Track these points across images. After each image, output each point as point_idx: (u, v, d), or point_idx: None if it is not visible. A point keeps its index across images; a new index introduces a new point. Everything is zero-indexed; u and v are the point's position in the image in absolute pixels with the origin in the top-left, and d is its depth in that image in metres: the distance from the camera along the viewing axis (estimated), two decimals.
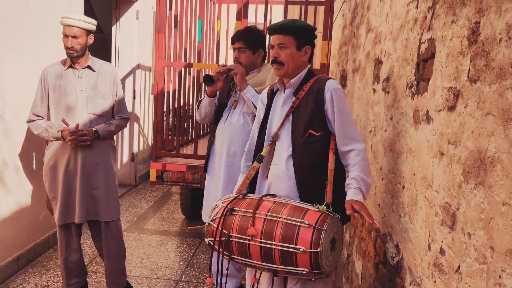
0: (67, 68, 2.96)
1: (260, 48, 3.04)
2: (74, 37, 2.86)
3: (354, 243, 3.17)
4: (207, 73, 2.94)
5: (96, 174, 2.99)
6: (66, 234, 3.04)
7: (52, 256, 3.90)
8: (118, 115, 3.09)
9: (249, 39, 2.98)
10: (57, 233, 3.07)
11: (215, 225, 2.05)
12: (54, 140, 2.94)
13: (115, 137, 3.31)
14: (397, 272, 1.99)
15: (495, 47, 1.18)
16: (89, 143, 2.89)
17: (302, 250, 1.84)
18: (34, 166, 3.77)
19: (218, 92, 3.08)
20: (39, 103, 2.98)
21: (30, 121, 2.99)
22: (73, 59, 2.93)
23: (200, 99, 3.14)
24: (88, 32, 2.94)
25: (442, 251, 1.47)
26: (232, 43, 3.04)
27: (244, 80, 2.91)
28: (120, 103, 3.11)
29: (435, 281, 1.52)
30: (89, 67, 2.98)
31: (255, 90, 2.89)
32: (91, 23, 2.94)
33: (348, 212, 1.91)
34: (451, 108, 1.46)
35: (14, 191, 3.55)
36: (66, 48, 2.88)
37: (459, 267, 1.33)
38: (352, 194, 1.98)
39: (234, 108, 3.04)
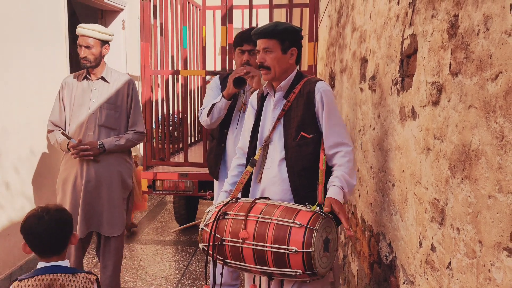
0: (83, 78, 2.95)
1: None
2: (87, 47, 2.85)
3: (349, 243, 3.15)
4: (237, 75, 2.75)
5: (99, 190, 2.94)
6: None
7: None
8: (132, 128, 3.03)
9: None
10: None
11: (208, 230, 2.03)
12: (66, 153, 2.94)
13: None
14: (391, 271, 1.97)
15: (474, 39, 1.17)
16: (92, 157, 2.86)
17: (294, 250, 1.82)
18: (23, 181, 3.73)
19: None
20: (57, 113, 2.98)
21: (49, 131, 3.01)
22: (88, 70, 2.92)
23: (213, 103, 2.86)
24: (103, 42, 2.92)
25: (433, 248, 1.45)
26: (240, 45, 2.89)
27: (260, 83, 2.84)
28: (135, 116, 3.04)
29: (427, 279, 1.50)
30: (103, 78, 2.95)
31: None
32: (106, 33, 2.92)
33: (325, 209, 1.92)
34: (435, 103, 1.45)
35: (4, 207, 3.51)
36: (80, 58, 2.88)
37: (450, 263, 1.31)
38: (333, 192, 1.97)
39: (244, 112, 2.93)
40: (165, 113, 4.29)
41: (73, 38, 4.95)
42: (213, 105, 2.87)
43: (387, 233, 2.07)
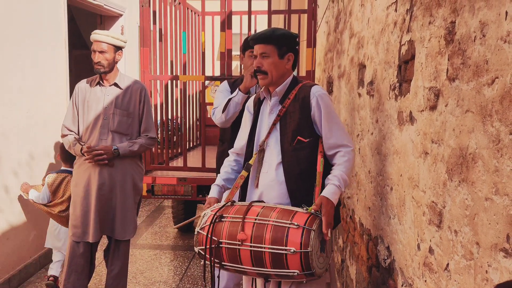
0: (96, 84, 2.98)
1: None
2: (101, 52, 2.88)
3: (348, 247, 3.17)
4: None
5: (113, 193, 2.96)
6: (77, 253, 2.96)
7: (44, 276, 3.85)
8: (144, 134, 3.06)
9: None
10: (67, 252, 2.99)
11: (205, 233, 2.04)
12: (80, 156, 2.98)
13: None
14: (389, 274, 1.99)
15: (470, 45, 1.20)
16: (107, 161, 2.88)
17: (292, 251, 1.84)
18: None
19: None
20: (70, 117, 3.02)
21: (63, 135, 3.05)
22: (101, 75, 2.95)
23: (229, 97, 2.85)
24: (117, 48, 2.95)
25: (431, 250, 1.48)
26: (252, 47, 2.91)
27: None
28: (148, 122, 3.08)
29: (425, 281, 1.52)
30: (116, 84, 2.98)
31: None
32: (119, 39, 2.95)
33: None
34: (433, 108, 1.48)
35: (3, 211, 3.51)
36: (94, 63, 2.91)
37: (447, 265, 1.33)
38: (329, 191, 2.01)
39: None
40: (164, 118, 4.32)
41: (72, 43, 4.98)
42: (229, 100, 2.85)
43: (385, 236, 2.09)
